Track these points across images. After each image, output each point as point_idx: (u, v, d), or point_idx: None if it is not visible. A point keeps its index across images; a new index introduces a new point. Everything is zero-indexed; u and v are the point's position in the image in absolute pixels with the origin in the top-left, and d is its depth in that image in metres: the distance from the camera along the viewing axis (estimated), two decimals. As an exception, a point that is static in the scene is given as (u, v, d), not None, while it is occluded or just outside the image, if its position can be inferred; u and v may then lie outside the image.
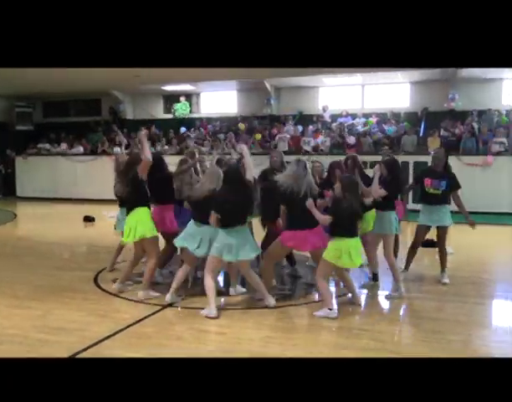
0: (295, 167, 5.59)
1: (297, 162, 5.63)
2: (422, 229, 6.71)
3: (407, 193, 7.37)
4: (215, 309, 5.27)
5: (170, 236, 6.27)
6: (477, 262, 8.07)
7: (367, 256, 6.65)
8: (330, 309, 5.33)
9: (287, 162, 6.43)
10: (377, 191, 5.92)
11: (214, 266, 5.48)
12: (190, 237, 5.63)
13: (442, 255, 6.67)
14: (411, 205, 11.85)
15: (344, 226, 5.31)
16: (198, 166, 6.39)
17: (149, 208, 5.96)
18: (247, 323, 5.17)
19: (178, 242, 5.78)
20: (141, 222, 5.79)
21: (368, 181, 6.12)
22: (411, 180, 12.57)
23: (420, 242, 6.82)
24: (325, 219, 5.38)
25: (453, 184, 6.59)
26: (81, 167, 16.93)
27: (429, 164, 7.31)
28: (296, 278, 6.82)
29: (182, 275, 5.76)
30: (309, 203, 5.38)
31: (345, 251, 5.29)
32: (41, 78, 15.16)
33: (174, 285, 5.70)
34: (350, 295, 5.85)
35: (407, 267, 6.82)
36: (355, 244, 5.39)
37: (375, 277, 6.54)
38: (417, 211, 6.95)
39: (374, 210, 6.16)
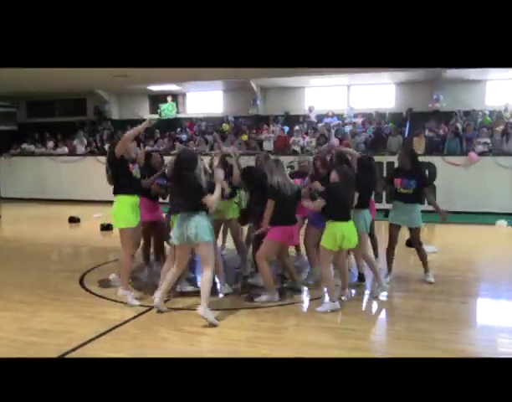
0: (267, 164, 6.03)
1: (265, 160, 6.17)
2: (393, 228, 6.66)
3: (380, 193, 7.39)
4: (159, 300, 5.39)
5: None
6: (462, 261, 8.13)
7: (354, 257, 6.68)
8: (334, 301, 5.48)
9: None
10: None
11: (179, 257, 5.43)
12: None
13: (421, 256, 6.65)
14: (385, 205, 12.00)
15: (338, 210, 5.49)
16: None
17: (131, 195, 5.74)
18: (233, 324, 5.16)
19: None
20: (117, 212, 5.69)
21: None
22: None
23: (395, 241, 6.70)
24: (319, 203, 5.57)
25: (421, 182, 6.54)
26: (66, 168, 16.79)
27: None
28: (284, 278, 6.82)
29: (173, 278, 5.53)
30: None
31: (340, 235, 5.43)
32: (24, 77, 15.01)
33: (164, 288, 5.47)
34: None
35: (389, 269, 6.75)
36: (348, 226, 5.52)
37: (361, 277, 6.57)
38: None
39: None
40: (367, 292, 6.29)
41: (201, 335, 4.86)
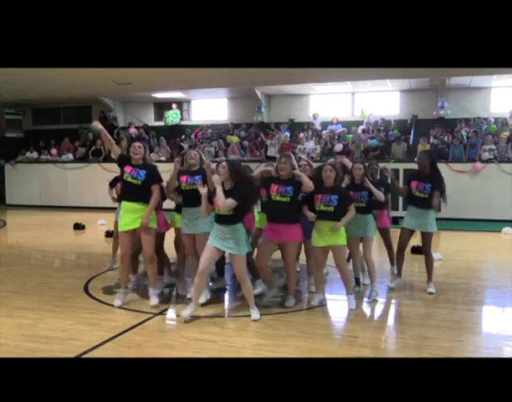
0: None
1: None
2: (405, 233, 6.62)
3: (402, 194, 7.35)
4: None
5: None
6: (467, 268, 8.10)
7: (352, 262, 6.61)
8: (351, 294, 5.91)
9: None
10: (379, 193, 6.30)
11: None
12: None
13: (429, 263, 6.55)
14: (402, 213, 11.96)
15: None
16: None
17: (124, 200, 5.84)
18: (238, 331, 5.16)
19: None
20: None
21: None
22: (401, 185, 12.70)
23: (405, 246, 6.70)
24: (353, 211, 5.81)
25: (436, 186, 6.50)
26: (71, 175, 16.86)
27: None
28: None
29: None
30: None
31: None
32: (30, 85, 15.12)
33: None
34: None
35: (399, 273, 6.76)
36: None
37: (357, 282, 6.53)
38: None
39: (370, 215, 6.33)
40: (367, 299, 6.26)
41: (205, 342, 4.84)
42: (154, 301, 5.86)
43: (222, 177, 5.32)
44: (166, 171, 6.64)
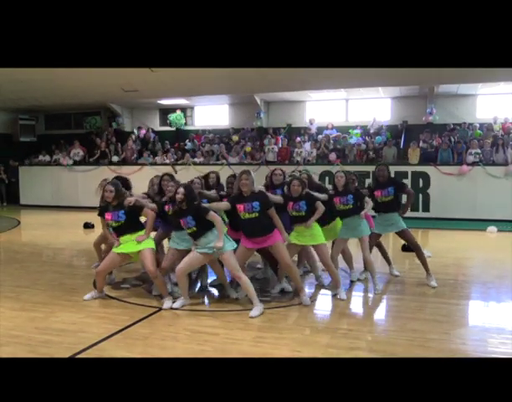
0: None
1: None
2: (373, 236, 6.65)
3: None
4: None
5: None
6: (454, 265, 8.11)
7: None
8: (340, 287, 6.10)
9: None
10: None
11: None
12: None
13: (420, 256, 6.63)
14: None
15: None
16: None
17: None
18: (239, 324, 5.15)
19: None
20: None
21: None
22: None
23: (372, 246, 6.77)
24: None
25: (399, 187, 6.73)
26: (82, 177, 16.86)
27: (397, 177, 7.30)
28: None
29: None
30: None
31: None
32: (43, 93, 15.15)
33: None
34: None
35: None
36: None
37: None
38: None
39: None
40: (359, 293, 6.27)
41: (208, 335, 4.85)
42: (167, 304, 5.68)
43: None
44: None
